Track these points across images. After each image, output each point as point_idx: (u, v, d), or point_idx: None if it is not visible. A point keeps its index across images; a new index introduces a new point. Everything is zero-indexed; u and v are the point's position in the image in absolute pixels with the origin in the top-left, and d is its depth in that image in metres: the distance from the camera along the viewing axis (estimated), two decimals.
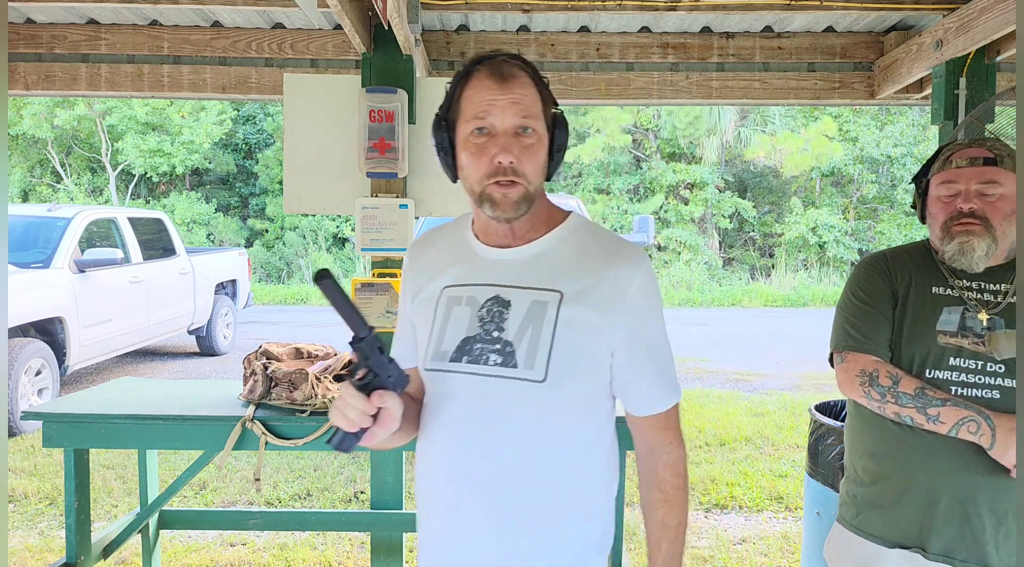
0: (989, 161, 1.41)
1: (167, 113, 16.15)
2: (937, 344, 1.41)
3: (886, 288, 1.50)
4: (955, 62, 2.71)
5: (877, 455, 1.51)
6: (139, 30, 3.23)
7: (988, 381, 1.38)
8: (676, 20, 3.12)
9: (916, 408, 1.39)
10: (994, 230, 1.40)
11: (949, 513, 1.40)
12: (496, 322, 1.09)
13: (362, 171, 2.60)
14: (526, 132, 1.06)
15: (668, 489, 1.14)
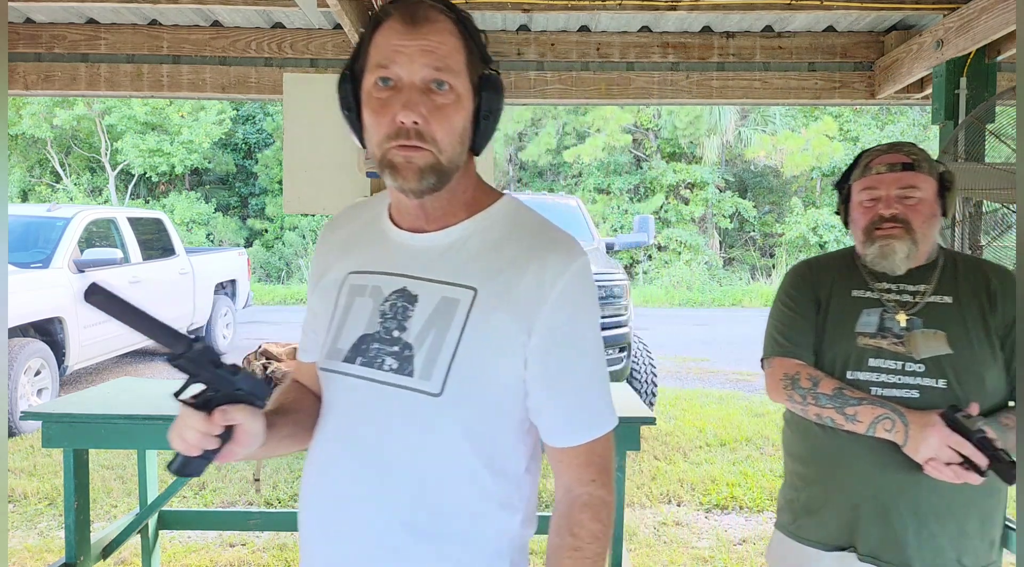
0: (907, 166, 1.44)
1: (166, 113, 16.14)
2: (856, 346, 1.43)
3: (810, 294, 1.53)
4: (955, 62, 2.71)
5: (806, 460, 1.53)
6: (138, 30, 3.23)
7: (908, 381, 1.40)
8: (676, 20, 3.11)
9: (835, 408, 1.40)
10: (914, 233, 1.42)
11: (872, 514, 1.41)
12: (399, 319, 0.92)
13: (361, 171, 2.60)
14: (440, 88, 0.87)
15: (582, 535, 0.93)
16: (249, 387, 0.87)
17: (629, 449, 2.26)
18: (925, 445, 1.30)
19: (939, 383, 1.38)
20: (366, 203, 1.08)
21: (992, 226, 2.64)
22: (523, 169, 18.15)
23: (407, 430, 0.90)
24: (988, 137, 2.57)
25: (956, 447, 1.27)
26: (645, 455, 4.74)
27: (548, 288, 0.90)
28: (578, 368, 0.93)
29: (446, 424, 0.89)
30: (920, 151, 1.47)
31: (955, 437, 1.28)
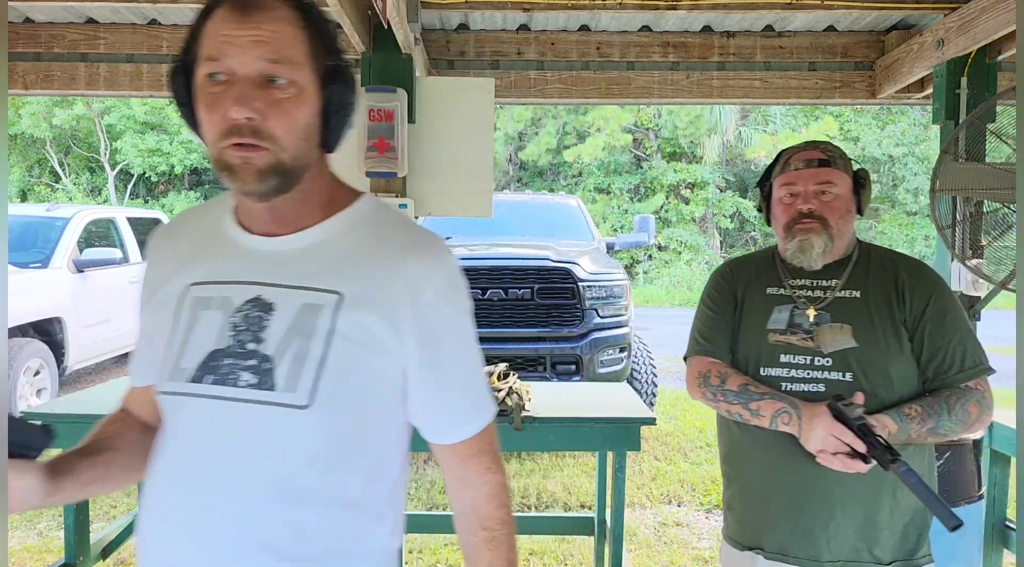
0: (823, 162, 1.47)
1: (166, 112, 16.14)
2: (768, 342, 1.46)
3: (728, 294, 1.57)
4: (956, 62, 2.71)
5: (727, 458, 1.58)
6: (138, 29, 3.23)
7: (815, 375, 1.42)
8: (677, 19, 3.11)
9: (740, 404, 1.44)
10: (831, 228, 1.45)
11: (781, 509, 1.43)
12: (253, 331, 0.85)
13: (361, 171, 2.59)
14: (276, 82, 0.81)
15: (494, 525, 0.95)
16: (18, 438, 0.78)
17: (629, 449, 2.26)
18: (813, 436, 1.33)
19: (845, 377, 1.40)
20: (203, 207, 0.99)
21: (992, 226, 2.63)
22: (523, 169, 18.15)
23: (269, 449, 0.84)
24: (989, 137, 2.57)
25: (838, 436, 1.30)
26: (645, 455, 4.74)
27: (420, 290, 0.87)
28: (461, 365, 0.93)
29: (315, 437, 0.84)
30: (836, 149, 1.51)
31: (837, 426, 1.30)
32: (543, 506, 3.93)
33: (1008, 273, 2.50)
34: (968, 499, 2.07)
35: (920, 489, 1.22)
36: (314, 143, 0.87)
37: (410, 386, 0.90)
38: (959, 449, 2.05)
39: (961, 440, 2.06)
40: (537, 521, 2.92)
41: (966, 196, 2.64)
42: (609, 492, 2.40)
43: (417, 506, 3.89)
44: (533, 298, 4.74)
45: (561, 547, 3.36)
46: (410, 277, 0.88)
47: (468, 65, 3.26)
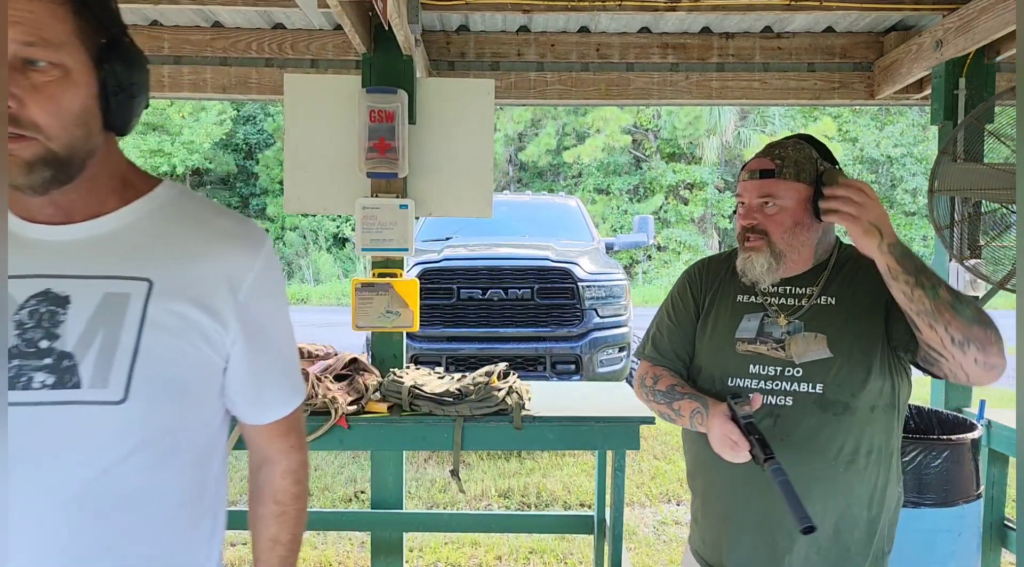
0: (767, 173, 1.38)
1: (167, 113, 16.16)
2: (737, 353, 1.40)
3: (691, 301, 1.52)
4: (955, 62, 2.71)
5: (691, 471, 1.53)
6: (139, 30, 3.23)
7: (784, 386, 1.35)
8: (676, 20, 3.12)
9: (666, 403, 1.43)
10: (774, 245, 1.37)
11: (743, 527, 1.38)
12: (45, 327, 0.79)
13: (362, 171, 2.60)
14: (36, 65, 0.74)
15: (286, 500, 0.97)
16: None
17: (629, 448, 2.27)
18: (711, 436, 1.32)
19: (815, 388, 1.33)
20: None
21: (991, 226, 2.64)
22: (523, 170, 18.16)
23: (80, 452, 0.78)
24: (987, 137, 2.57)
25: (728, 434, 1.27)
26: (645, 454, 4.75)
27: (241, 279, 0.87)
28: (280, 348, 0.95)
29: (133, 433, 0.80)
30: (791, 153, 1.39)
31: (729, 425, 1.28)
32: (543, 505, 3.94)
33: (1007, 273, 2.51)
34: (966, 498, 2.08)
35: (784, 489, 1.19)
36: (95, 128, 0.81)
37: (232, 372, 0.90)
38: (958, 448, 2.06)
39: (960, 440, 2.06)
40: (537, 520, 2.93)
41: (964, 196, 2.65)
42: (609, 491, 2.41)
43: (417, 505, 3.90)
44: (533, 298, 4.75)
45: (561, 546, 3.37)
46: (229, 265, 0.86)
47: (468, 66, 3.28)
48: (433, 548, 3.33)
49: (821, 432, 1.33)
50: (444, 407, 2.28)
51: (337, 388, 2.34)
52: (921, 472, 2.03)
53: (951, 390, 2.75)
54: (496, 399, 2.26)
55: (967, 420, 2.27)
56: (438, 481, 4.20)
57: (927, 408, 2.43)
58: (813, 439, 1.33)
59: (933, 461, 2.03)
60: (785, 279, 1.43)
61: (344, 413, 2.24)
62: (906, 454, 2.04)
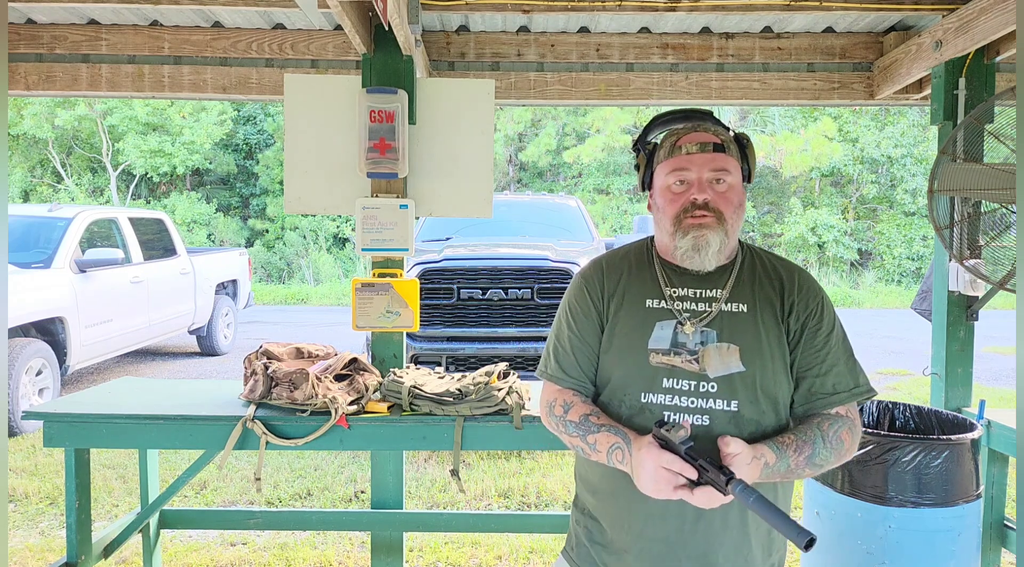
0: (717, 147, 1.29)
1: (168, 113, 16.16)
2: (649, 365, 1.27)
3: (592, 309, 1.36)
4: (954, 62, 2.72)
5: (596, 490, 1.37)
6: (140, 30, 3.24)
7: (700, 404, 1.24)
8: (676, 21, 3.12)
9: (579, 436, 1.28)
10: (726, 223, 1.27)
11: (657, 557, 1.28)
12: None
13: (362, 171, 2.60)
14: None
15: None
16: None
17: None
18: (642, 471, 1.15)
19: (730, 406, 1.24)
20: None
21: (991, 226, 2.64)
22: (523, 170, 18.15)
23: None
24: (987, 137, 2.58)
25: (668, 466, 1.13)
26: None
27: None
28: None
29: None
30: (725, 131, 1.33)
31: (666, 455, 1.13)
32: (543, 504, 3.94)
33: (1007, 273, 2.51)
34: (966, 498, 2.08)
35: (762, 507, 1.05)
36: None
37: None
38: (958, 448, 2.06)
39: (960, 440, 2.07)
40: (537, 520, 2.93)
41: (964, 196, 2.65)
42: None
43: (418, 504, 3.90)
44: (533, 298, 4.75)
45: (561, 545, 3.37)
46: None
47: (468, 66, 3.28)
48: (433, 548, 3.33)
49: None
50: (444, 407, 2.28)
51: (337, 388, 2.35)
52: (921, 472, 2.03)
53: (951, 390, 2.76)
54: (496, 399, 2.26)
55: (967, 420, 2.27)
56: (438, 481, 4.20)
57: (927, 408, 2.43)
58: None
59: (933, 461, 2.03)
60: (694, 280, 1.32)
61: (344, 413, 2.24)
62: (906, 454, 2.04)
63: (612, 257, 1.43)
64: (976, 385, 3.26)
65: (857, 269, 16.68)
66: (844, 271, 16.42)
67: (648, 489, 1.16)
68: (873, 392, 1.33)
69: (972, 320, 2.74)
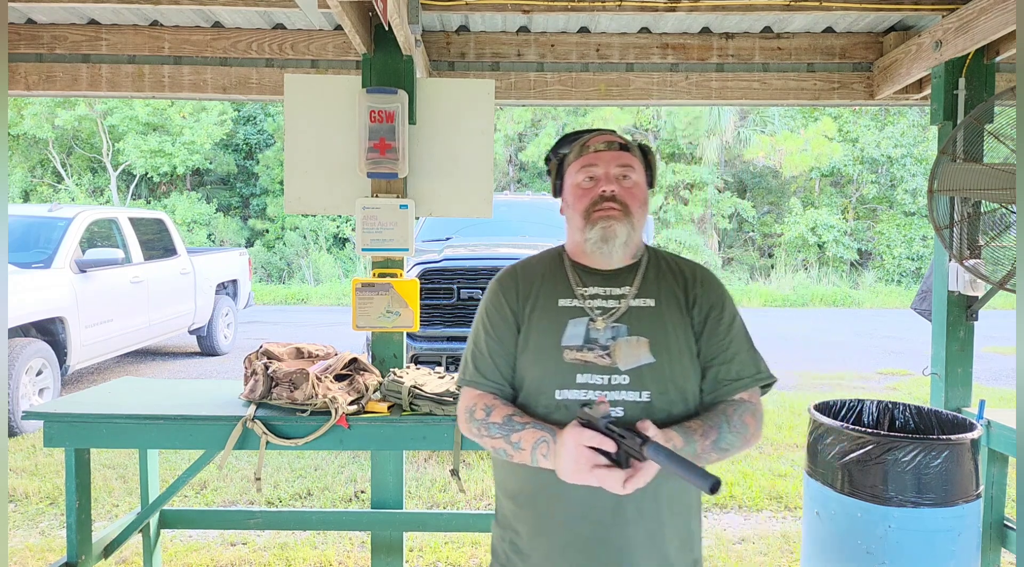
0: (623, 147, 1.39)
1: (168, 113, 16.16)
2: (564, 362, 1.31)
3: (508, 312, 1.40)
4: (954, 62, 2.72)
5: (517, 497, 1.39)
6: (140, 30, 3.24)
7: (613, 396, 1.28)
8: (676, 21, 3.12)
9: (503, 437, 1.29)
10: (632, 217, 1.35)
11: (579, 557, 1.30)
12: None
13: (363, 171, 2.61)
14: None
15: None
16: None
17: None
18: (564, 453, 1.18)
19: (642, 396, 1.29)
20: None
21: (991, 226, 2.64)
22: (523, 170, 18.15)
23: None
24: (987, 137, 2.58)
25: (587, 442, 1.16)
26: None
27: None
28: None
29: None
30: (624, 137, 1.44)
31: (586, 433, 1.17)
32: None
33: (1006, 273, 2.51)
34: (966, 498, 2.08)
35: (673, 461, 1.07)
36: None
37: None
38: (957, 448, 2.06)
39: (960, 440, 2.07)
40: None
41: (964, 196, 2.65)
42: None
43: (418, 504, 3.90)
44: None
45: None
46: None
47: (468, 66, 3.28)
48: (434, 547, 3.33)
49: None
50: (444, 407, 2.28)
51: (337, 388, 2.35)
52: (921, 472, 2.03)
53: (951, 390, 2.76)
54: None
55: (967, 420, 2.27)
56: (438, 481, 4.20)
57: (927, 408, 2.43)
58: None
59: (933, 461, 2.03)
60: (603, 278, 1.38)
61: (344, 413, 2.24)
62: (906, 454, 2.04)
63: (526, 263, 1.49)
64: (976, 385, 3.26)
65: (857, 269, 16.68)
66: (844, 271, 16.43)
67: (568, 473, 1.18)
68: (773, 378, 1.40)
69: (972, 320, 2.75)
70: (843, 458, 2.14)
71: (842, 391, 6.82)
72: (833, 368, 7.93)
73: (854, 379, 7.41)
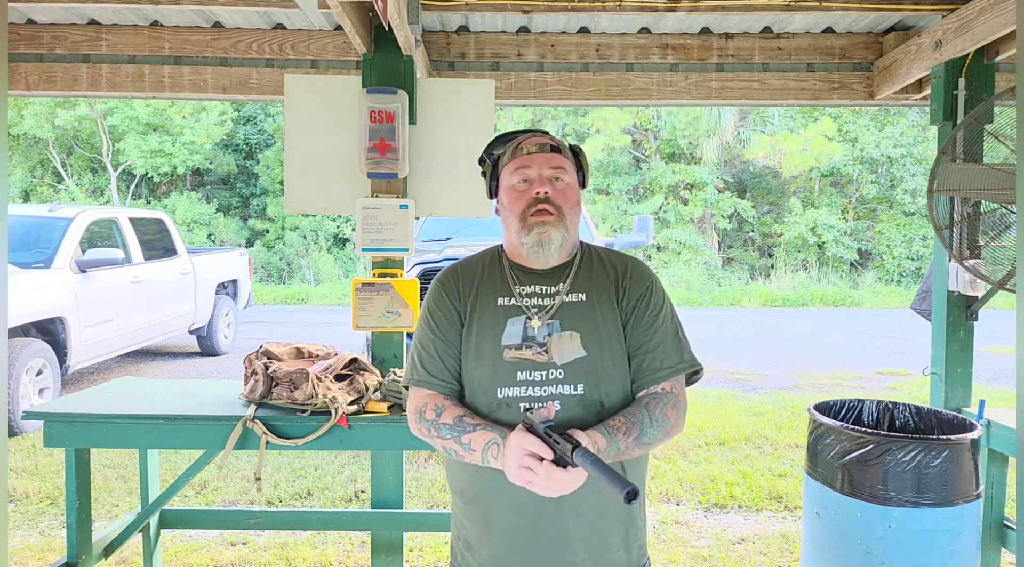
0: (554, 149, 1.41)
1: (168, 113, 16.16)
2: (504, 360, 1.34)
3: (451, 310, 1.42)
4: (954, 62, 2.72)
5: (465, 494, 1.42)
6: (140, 31, 3.24)
7: (550, 390, 1.32)
8: (675, 21, 3.12)
9: (453, 438, 1.31)
10: (565, 219, 1.37)
11: (524, 549, 1.34)
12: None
13: (363, 171, 2.61)
14: None
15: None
16: None
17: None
18: (509, 455, 1.21)
19: (577, 389, 1.33)
20: None
21: (990, 226, 2.65)
22: None
23: None
24: (987, 137, 2.58)
25: (529, 447, 1.19)
26: None
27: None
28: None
29: None
30: (558, 139, 1.46)
31: (528, 438, 1.20)
32: None
33: (1006, 273, 2.51)
34: (966, 498, 2.08)
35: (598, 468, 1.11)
36: None
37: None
38: (957, 448, 2.06)
39: (960, 440, 2.07)
40: None
41: (964, 196, 2.65)
42: None
43: (418, 504, 3.91)
44: None
45: None
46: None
47: (468, 67, 3.28)
48: (433, 548, 3.33)
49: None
50: None
51: (337, 388, 2.35)
52: (921, 472, 2.03)
53: (951, 390, 2.76)
54: None
55: (967, 420, 2.27)
56: (438, 480, 4.20)
57: (927, 408, 2.43)
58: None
59: (933, 461, 2.03)
60: (539, 276, 1.41)
61: (344, 413, 2.25)
62: (906, 454, 2.04)
63: (465, 263, 1.51)
64: (976, 385, 3.26)
65: (857, 269, 16.69)
66: (844, 271, 16.43)
67: (514, 474, 1.21)
68: (699, 366, 1.42)
69: (972, 320, 2.75)
70: (843, 458, 2.14)
71: (842, 391, 6.82)
72: (833, 368, 7.93)
73: (854, 379, 7.41)
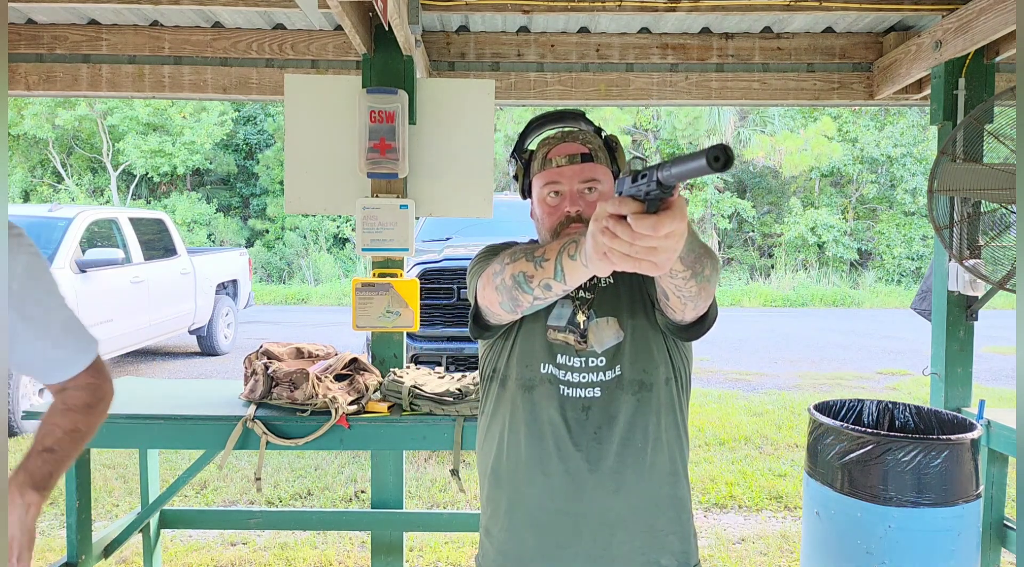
0: (586, 157, 1.34)
1: (168, 113, 16.17)
2: (546, 339, 1.34)
3: None
4: (954, 62, 2.72)
5: (494, 475, 1.38)
6: (140, 31, 3.24)
7: (591, 378, 1.32)
8: (675, 21, 3.12)
9: (525, 256, 1.15)
10: None
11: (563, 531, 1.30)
12: None
13: (363, 171, 2.61)
14: None
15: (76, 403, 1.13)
16: None
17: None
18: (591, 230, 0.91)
19: (616, 371, 1.32)
20: None
21: (990, 226, 2.65)
22: None
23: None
24: (987, 137, 2.58)
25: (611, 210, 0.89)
26: None
27: None
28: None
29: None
30: (592, 136, 1.37)
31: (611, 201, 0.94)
32: None
33: (1006, 273, 2.51)
34: (966, 498, 2.08)
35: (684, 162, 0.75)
36: None
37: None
38: (957, 448, 2.06)
39: (960, 440, 2.07)
40: None
41: (964, 196, 2.65)
42: None
43: (418, 504, 3.91)
44: None
45: None
46: None
47: (468, 67, 3.28)
48: (434, 547, 3.33)
49: (628, 417, 1.30)
50: (444, 407, 2.28)
51: (337, 388, 2.35)
52: (921, 472, 2.03)
53: (951, 390, 2.76)
54: None
55: (967, 420, 2.27)
56: (438, 480, 4.21)
57: (927, 408, 2.43)
58: (623, 426, 1.29)
59: (933, 461, 2.03)
60: None
61: (344, 413, 2.25)
62: (906, 454, 2.04)
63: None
64: (976, 385, 3.26)
65: (857, 269, 16.68)
66: (844, 271, 16.43)
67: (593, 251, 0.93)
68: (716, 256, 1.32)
69: (972, 320, 2.75)
70: (843, 458, 2.14)
71: (842, 391, 6.82)
72: (833, 368, 7.93)
73: (854, 379, 7.41)
